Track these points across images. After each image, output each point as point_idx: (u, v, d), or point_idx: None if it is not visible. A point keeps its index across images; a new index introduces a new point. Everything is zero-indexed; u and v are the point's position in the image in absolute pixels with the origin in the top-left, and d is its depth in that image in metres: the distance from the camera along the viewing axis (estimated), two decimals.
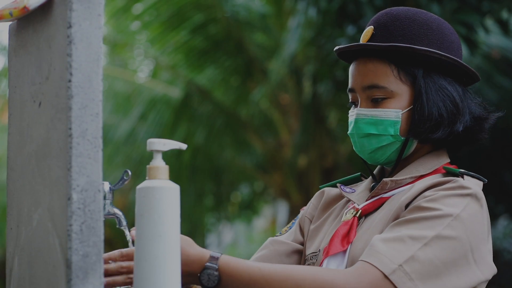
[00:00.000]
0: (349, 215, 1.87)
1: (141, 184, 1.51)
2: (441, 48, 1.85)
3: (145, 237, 1.46)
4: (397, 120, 1.84)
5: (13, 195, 1.61)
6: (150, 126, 8.11)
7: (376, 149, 1.86)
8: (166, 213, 1.47)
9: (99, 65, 1.43)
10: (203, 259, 1.65)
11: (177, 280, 1.47)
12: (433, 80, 1.84)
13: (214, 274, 1.64)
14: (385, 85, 1.84)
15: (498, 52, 7.08)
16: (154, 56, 8.85)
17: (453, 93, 1.85)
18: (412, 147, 1.87)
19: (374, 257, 1.65)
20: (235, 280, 1.65)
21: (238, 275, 1.65)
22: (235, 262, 1.67)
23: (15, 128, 1.63)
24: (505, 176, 7.68)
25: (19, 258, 1.56)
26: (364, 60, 1.87)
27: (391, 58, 1.84)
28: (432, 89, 1.84)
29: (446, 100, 1.84)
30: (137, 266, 1.47)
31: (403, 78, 1.84)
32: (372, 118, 1.85)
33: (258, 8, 7.99)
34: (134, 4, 7.80)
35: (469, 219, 1.72)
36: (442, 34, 1.86)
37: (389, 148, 1.86)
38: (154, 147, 1.53)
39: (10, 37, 1.68)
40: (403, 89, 1.84)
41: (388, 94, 1.84)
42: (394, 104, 1.84)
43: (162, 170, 1.52)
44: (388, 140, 1.85)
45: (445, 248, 1.68)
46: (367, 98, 1.86)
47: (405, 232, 1.69)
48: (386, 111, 1.84)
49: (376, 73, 1.85)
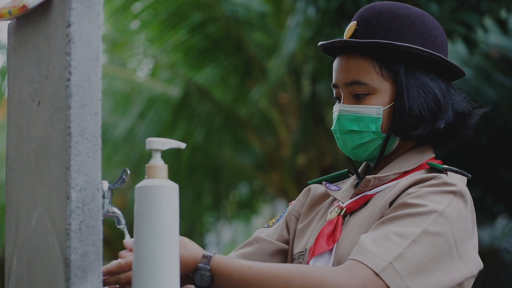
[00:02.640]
0: (333, 214, 1.87)
1: (140, 183, 1.51)
2: (424, 43, 1.84)
3: (144, 236, 1.46)
4: (379, 116, 1.83)
5: (12, 193, 1.61)
6: (149, 125, 8.11)
7: (358, 145, 1.86)
8: (165, 212, 1.47)
9: (98, 64, 1.43)
10: (196, 260, 1.66)
11: (176, 279, 1.47)
12: (415, 77, 1.84)
13: (207, 274, 1.65)
14: (367, 81, 1.84)
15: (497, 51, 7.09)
16: (153, 55, 8.85)
17: (435, 90, 1.84)
18: (394, 144, 1.87)
19: (364, 256, 1.65)
20: (226, 279, 1.65)
21: (229, 274, 1.66)
22: (226, 262, 1.67)
23: (14, 127, 1.63)
24: (504, 176, 7.68)
25: (18, 256, 1.56)
26: (347, 56, 1.87)
27: (373, 54, 1.84)
28: (414, 85, 1.83)
29: (428, 97, 1.83)
30: (136, 265, 1.47)
31: (385, 74, 1.84)
32: (353, 114, 1.85)
33: (257, 7, 7.98)
34: (133, 3, 7.79)
35: (454, 215, 1.73)
36: (425, 29, 1.86)
37: (371, 144, 1.85)
38: (153, 146, 1.53)
39: (9, 36, 1.68)
40: (385, 86, 1.84)
41: (370, 91, 1.84)
42: (376, 100, 1.84)
43: (161, 169, 1.52)
44: (369, 137, 1.84)
45: (431, 245, 1.68)
46: (349, 94, 1.86)
47: (392, 229, 1.69)
48: (368, 107, 1.84)
49: (358, 69, 1.84)
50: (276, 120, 8.05)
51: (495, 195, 7.97)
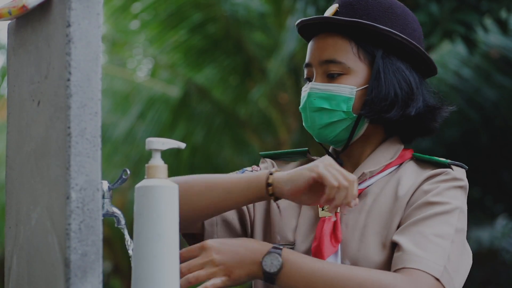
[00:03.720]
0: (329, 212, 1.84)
1: (140, 183, 1.51)
2: (403, 33, 1.84)
3: (144, 236, 1.46)
4: (351, 96, 1.82)
5: (12, 194, 1.61)
6: (149, 125, 8.11)
7: (326, 124, 1.83)
8: (165, 212, 1.47)
9: (98, 64, 1.43)
10: (266, 247, 1.66)
11: (176, 279, 1.47)
12: (391, 62, 1.84)
13: (278, 259, 1.64)
14: (342, 60, 1.83)
15: (497, 51, 7.09)
16: (153, 55, 8.85)
17: (410, 77, 1.85)
18: (362, 128, 1.86)
19: (421, 263, 1.67)
20: (297, 269, 1.64)
21: (300, 264, 1.65)
22: (297, 253, 1.68)
23: (14, 127, 1.63)
24: (504, 176, 7.69)
25: (18, 257, 1.56)
26: (325, 35, 1.86)
27: (352, 35, 1.83)
28: (390, 69, 1.83)
29: (402, 82, 1.83)
30: (136, 265, 1.47)
31: (362, 56, 1.83)
32: (325, 92, 1.83)
33: (257, 7, 7.98)
34: (132, 3, 7.79)
35: (466, 210, 1.79)
36: (405, 20, 1.86)
37: (339, 125, 1.83)
38: (153, 146, 1.53)
39: (9, 36, 1.68)
40: (361, 67, 1.83)
41: (344, 70, 1.83)
42: (349, 80, 1.83)
43: (161, 169, 1.52)
44: (339, 116, 1.83)
45: (460, 241, 1.74)
46: (323, 73, 1.85)
47: (429, 231, 1.71)
48: (341, 86, 1.82)
49: (336, 48, 1.84)
50: (276, 120, 8.05)
51: (495, 195, 7.97)
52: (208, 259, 1.65)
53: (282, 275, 1.64)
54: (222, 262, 1.65)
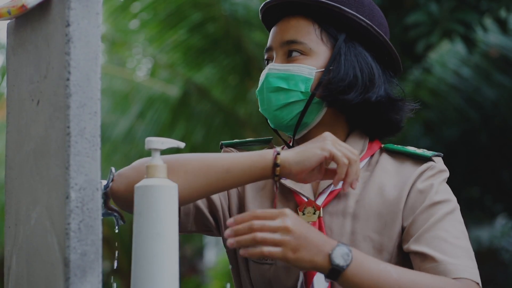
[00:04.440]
0: (311, 217, 1.79)
1: (139, 183, 1.51)
2: (369, 21, 1.82)
3: (144, 235, 1.46)
4: (310, 77, 1.79)
5: (12, 193, 1.61)
6: (148, 125, 8.10)
7: (283, 105, 1.80)
8: (164, 212, 1.47)
9: (97, 63, 1.43)
10: (335, 242, 1.58)
11: (175, 279, 1.47)
12: (354, 46, 1.81)
13: (348, 254, 1.57)
14: (304, 41, 1.81)
15: (496, 50, 7.09)
16: (152, 55, 8.84)
17: (372, 64, 1.82)
18: (320, 112, 1.82)
19: (461, 271, 1.68)
20: (364, 268, 1.59)
21: (368, 263, 1.59)
22: (363, 253, 1.63)
23: (13, 127, 1.63)
24: (503, 175, 7.68)
25: (17, 256, 1.56)
26: (288, 17, 1.84)
27: (316, 17, 1.81)
28: (352, 53, 1.81)
29: (364, 66, 1.81)
30: (136, 265, 1.47)
31: (325, 39, 1.81)
32: (284, 73, 1.80)
33: (256, 7, 7.96)
34: (132, 3, 7.78)
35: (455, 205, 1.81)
36: (372, 12, 1.84)
37: (296, 106, 1.80)
38: (153, 146, 1.53)
39: (8, 36, 1.68)
40: (322, 50, 1.81)
41: (306, 51, 1.80)
42: (310, 61, 1.80)
43: (161, 168, 1.51)
44: (297, 97, 1.79)
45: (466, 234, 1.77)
46: (283, 54, 1.82)
47: (447, 235, 1.72)
48: (300, 66, 1.80)
49: (298, 29, 1.82)
50: None
51: (494, 195, 7.97)
52: (284, 225, 1.54)
53: (348, 271, 1.57)
54: (295, 236, 1.54)
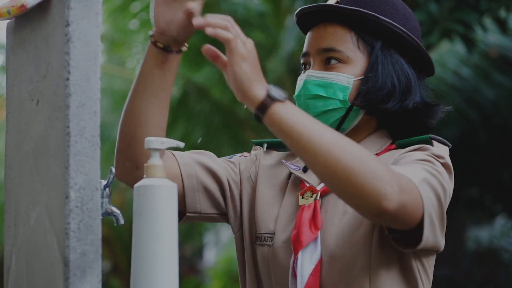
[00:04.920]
0: (309, 200, 1.81)
1: (139, 182, 1.51)
2: (404, 27, 1.83)
3: (143, 235, 1.46)
4: (348, 86, 1.80)
5: (11, 193, 1.61)
6: None
7: (321, 112, 1.81)
8: (164, 212, 1.47)
9: (97, 63, 1.43)
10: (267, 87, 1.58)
11: (175, 279, 1.47)
12: (390, 54, 1.83)
13: (284, 93, 1.57)
14: (342, 49, 1.82)
15: (496, 50, 7.09)
16: None
17: (408, 71, 1.84)
18: (357, 118, 1.84)
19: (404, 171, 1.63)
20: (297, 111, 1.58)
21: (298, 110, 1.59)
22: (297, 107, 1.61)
23: (13, 126, 1.63)
24: (503, 175, 7.69)
25: (17, 256, 1.56)
26: (325, 24, 1.85)
27: (353, 25, 1.83)
28: (389, 61, 1.82)
29: (401, 74, 1.82)
30: (135, 265, 1.47)
31: (361, 46, 1.82)
32: (322, 80, 1.81)
33: (256, 7, 7.98)
34: (132, 3, 7.78)
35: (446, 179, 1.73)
36: (406, 17, 1.85)
37: (334, 114, 1.81)
38: (152, 145, 1.53)
39: (8, 36, 1.68)
40: (359, 58, 1.82)
41: (343, 59, 1.82)
42: (347, 70, 1.81)
43: (160, 168, 1.52)
44: (335, 105, 1.81)
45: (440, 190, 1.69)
46: (320, 62, 1.84)
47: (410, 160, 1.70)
48: (338, 74, 1.81)
49: (335, 36, 1.83)
50: None
51: (494, 195, 7.97)
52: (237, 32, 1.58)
53: (280, 106, 1.57)
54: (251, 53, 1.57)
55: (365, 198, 1.55)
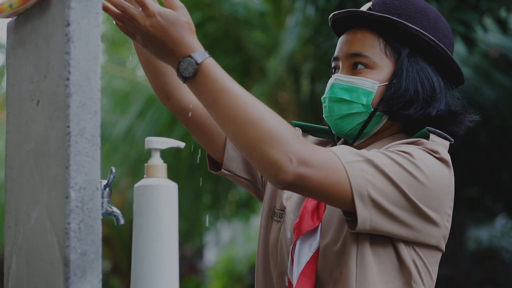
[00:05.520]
0: None
1: (139, 182, 1.51)
2: (433, 36, 1.85)
3: (143, 235, 1.46)
4: (372, 91, 1.84)
5: (11, 193, 1.61)
6: (148, 124, 8.10)
7: (344, 115, 1.85)
8: (164, 211, 1.47)
9: (97, 63, 1.43)
10: (193, 49, 1.62)
11: (175, 279, 1.47)
12: (416, 61, 1.85)
13: (193, 66, 1.60)
14: (369, 54, 1.85)
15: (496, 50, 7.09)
16: None
17: (433, 78, 1.85)
18: (381, 123, 1.87)
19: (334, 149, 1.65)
20: (211, 81, 1.61)
21: (216, 78, 1.61)
22: (220, 71, 1.63)
23: (13, 126, 1.63)
24: (503, 175, 7.68)
25: (17, 256, 1.56)
26: (355, 30, 1.89)
27: (381, 31, 1.86)
28: (414, 68, 1.84)
29: (425, 81, 1.84)
30: (135, 265, 1.47)
31: (389, 53, 1.85)
32: (348, 84, 1.85)
33: (256, 7, 7.98)
34: None
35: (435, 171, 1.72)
36: (436, 25, 1.87)
37: (357, 117, 1.85)
38: (152, 145, 1.53)
39: (8, 35, 1.68)
40: (386, 64, 1.85)
41: (370, 65, 1.85)
42: (373, 75, 1.85)
43: (160, 168, 1.52)
44: (358, 109, 1.84)
45: (407, 182, 1.68)
46: (348, 66, 1.87)
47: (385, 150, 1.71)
48: (363, 79, 1.84)
49: (363, 42, 1.86)
50: None
51: (494, 194, 7.97)
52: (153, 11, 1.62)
53: (193, 82, 1.61)
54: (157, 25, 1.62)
55: (263, 165, 1.59)
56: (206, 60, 1.62)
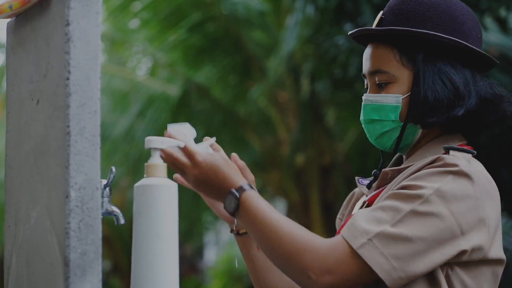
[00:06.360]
0: (358, 208, 1.88)
1: (139, 182, 1.51)
2: (448, 30, 1.81)
3: (143, 235, 1.46)
4: (397, 105, 1.82)
5: (11, 193, 1.61)
6: (148, 124, 8.10)
7: (380, 134, 1.85)
8: (164, 211, 1.47)
9: (97, 63, 1.43)
10: (234, 185, 1.71)
11: (175, 278, 1.47)
12: (433, 64, 1.82)
13: (235, 201, 1.70)
14: (387, 69, 1.84)
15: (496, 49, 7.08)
16: (152, 54, 8.84)
17: (454, 77, 1.82)
18: (417, 133, 1.85)
19: (347, 231, 1.65)
20: (251, 215, 1.69)
21: (254, 213, 1.69)
22: (257, 198, 1.71)
23: (13, 126, 1.63)
24: (503, 175, 7.67)
25: (17, 256, 1.56)
26: (372, 45, 1.88)
27: (394, 42, 1.84)
28: (430, 73, 1.82)
29: (444, 85, 1.81)
30: (135, 264, 1.47)
31: (405, 62, 1.83)
32: (375, 103, 1.85)
33: (256, 6, 7.97)
34: (132, 2, 7.78)
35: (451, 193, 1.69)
36: (450, 16, 1.83)
37: (392, 134, 1.84)
38: (152, 145, 1.53)
39: (8, 35, 1.68)
40: (405, 74, 1.83)
41: (390, 79, 1.83)
42: (395, 89, 1.83)
43: (160, 167, 1.52)
44: (389, 126, 1.84)
45: (422, 224, 1.66)
46: (373, 84, 1.87)
47: (381, 204, 1.68)
48: (387, 96, 1.83)
49: (380, 58, 1.85)
50: (275, 119, 8.05)
51: None
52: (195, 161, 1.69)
53: (238, 215, 1.71)
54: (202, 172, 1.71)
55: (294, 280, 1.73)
56: (245, 194, 1.70)
